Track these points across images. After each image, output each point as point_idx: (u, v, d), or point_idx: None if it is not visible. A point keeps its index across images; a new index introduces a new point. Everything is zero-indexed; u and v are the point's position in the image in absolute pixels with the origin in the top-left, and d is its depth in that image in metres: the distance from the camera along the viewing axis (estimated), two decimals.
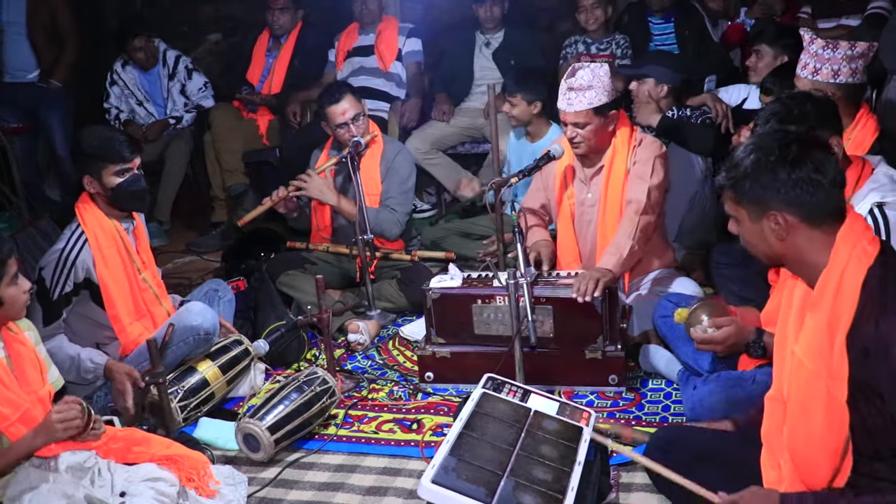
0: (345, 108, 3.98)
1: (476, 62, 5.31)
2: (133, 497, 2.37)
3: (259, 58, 5.72)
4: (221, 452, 3.02)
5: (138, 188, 3.22)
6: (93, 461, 2.45)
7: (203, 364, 3.27)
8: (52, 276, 3.12)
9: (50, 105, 5.66)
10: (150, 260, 3.43)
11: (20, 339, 2.53)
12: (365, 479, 2.80)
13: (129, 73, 5.66)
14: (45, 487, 2.34)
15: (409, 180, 4.24)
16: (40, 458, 2.43)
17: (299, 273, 4.05)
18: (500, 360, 3.00)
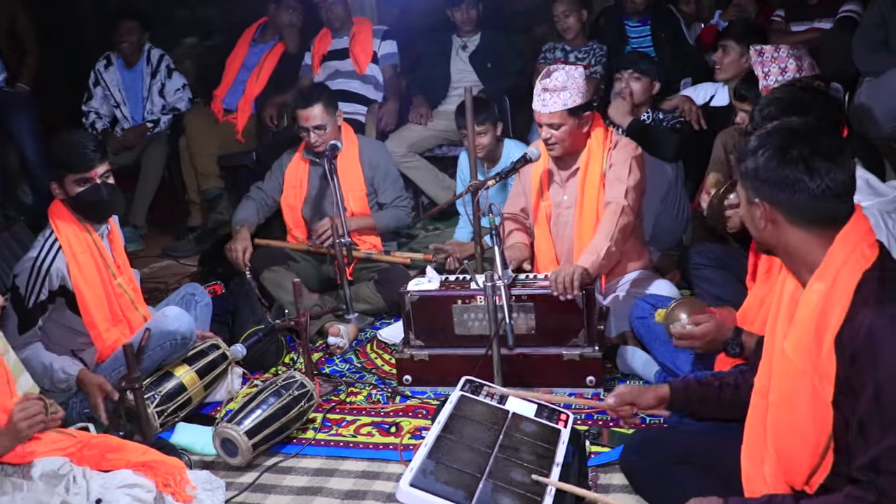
0: (311, 115, 4.03)
1: (453, 65, 5.32)
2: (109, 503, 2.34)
3: (232, 69, 5.70)
4: (199, 457, 3.01)
5: (98, 198, 3.15)
6: (67, 468, 2.42)
7: (180, 369, 3.25)
8: (26, 285, 3.09)
9: (17, 109, 5.60)
10: (126, 265, 3.40)
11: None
12: (343, 483, 2.79)
13: (112, 72, 5.64)
14: (18, 496, 2.33)
15: (394, 170, 4.42)
16: (13, 466, 2.40)
17: (283, 269, 4.04)
18: (478, 362, 3.01)
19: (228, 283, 4.10)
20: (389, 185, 4.34)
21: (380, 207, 4.32)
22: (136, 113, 5.63)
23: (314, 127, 4.04)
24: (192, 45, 6.76)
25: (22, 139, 5.67)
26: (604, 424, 2.96)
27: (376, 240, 4.27)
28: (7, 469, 2.40)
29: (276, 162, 4.40)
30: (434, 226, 5.21)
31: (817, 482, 1.79)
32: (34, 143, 5.65)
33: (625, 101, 4.21)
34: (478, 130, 4.03)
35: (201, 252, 4.98)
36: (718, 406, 2.24)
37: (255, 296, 3.97)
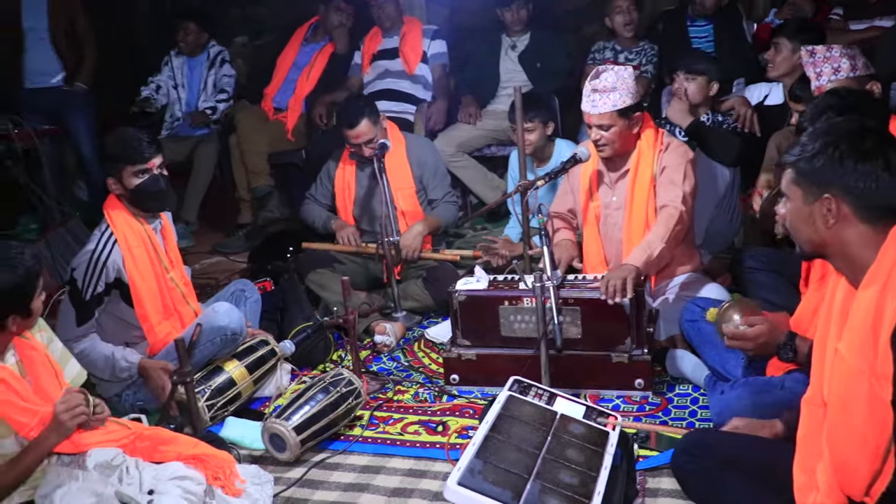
0: (360, 133, 4.06)
1: (502, 65, 5.31)
2: (161, 495, 2.37)
3: (283, 68, 5.76)
4: (248, 452, 3.04)
5: (157, 189, 3.24)
6: (121, 459, 2.47)
7: (230, 364, 3.29)
8: (83, 278, 3.16)
9: (75, 108, 5.71)
10: (178, 259, 3.46)
11: (32, 344, 2.54)
12: (390, 481, 2.80)
13: (179, 58, 5.79)
14: (74, 485, 2.36)
15: (442, 167, 4.45)
16: (69, 456, 2.46)
17: (328, 272, 4.07)
18: (526, 362, 3.00)
19: (278, 280, 4.15)
20: (438, 181, 4.36)
21: (429, 204, 4.33)
22: (192, 98, 5.75)
23: (365, 143, 4.07)
24: (243, 44, 6.85)
25: (78, 137, 5.79)
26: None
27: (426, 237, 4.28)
28: (63, 459, 2.45)
29: (322, 169, 4.44)
30: (482, 225, 5.21)
31: (878, 491, 1.75)
32: (90, 140, 5.77)
33: (682, 101, 4.16)
34: (527, 127, 4.02)
35: (251, 249, 5.04)
36: None
37: (303, 293, 4.00)
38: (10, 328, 2.39)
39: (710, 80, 4.13)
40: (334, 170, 4.37)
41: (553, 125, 4.32)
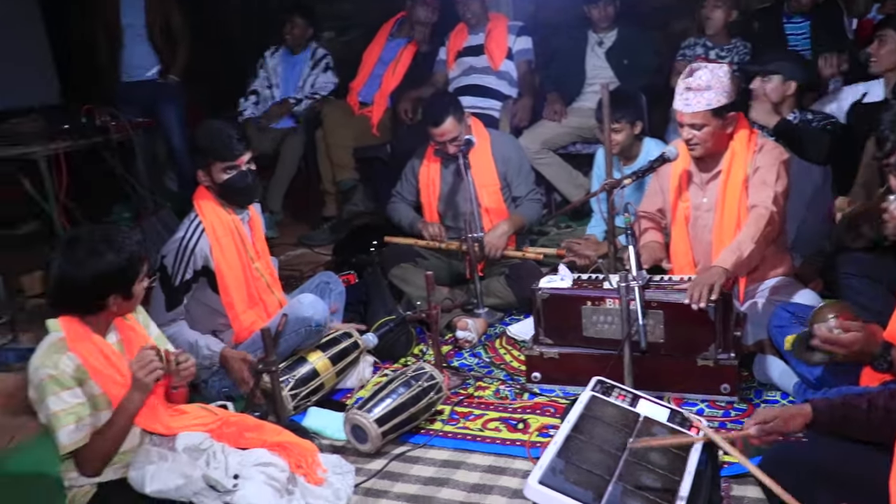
0: (445, 131, 4.07)
1: (588, 61, 5.26)
2: (245, 480, 2.43)
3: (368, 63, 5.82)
4: (329, 442, 3.08)
5: (244, 184, 3.32)
6: (208, 443, 2.53)
7: (313, 355, 3.34)
8: (173, 265, 3.25)
9: (167, 100, 5.92)
10: (264, 250, 3.53)
11: (131, 324, 2.63)
12: (470, 476, 2.80)
13: (276, 58, 5.94)
14: (164, 466, 2.44)
15: (526, 164, 4.44)
16: (160, 437, 2.53)
17: (411, 266, 4.10)
18: (608, 363, 2.96)
19: (361, 273, 4.19)
20: (523, 178, 4.34)
21: (513, 202, 4.32)
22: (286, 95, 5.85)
23: (450, 140, 4.07)
24: (330, 39, 6.93)
25: (170, 129, 5.98)
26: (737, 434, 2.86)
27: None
28: (154, 440, 2.53)
29: (407, 166, 4.46)
30: (566, 223, 5.17)
31: None
32: (181, 132, 5.96)
33: (764, 101, 4.05)
34: (614, 127, 3.95)
35: (335, 242, 5.10)
36: (866, 429, 2.12)
37: (386, 287, 4.03)
38: (111, 308, 2.48)
39: (786, 79, 3.99)
40: (418, 167, 4.39)
41: (641, 124, 4.25)
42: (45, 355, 2.40)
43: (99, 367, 2.44)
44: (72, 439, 2.36)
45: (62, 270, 2.40)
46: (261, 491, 2.41)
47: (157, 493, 2.40)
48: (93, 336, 2.47)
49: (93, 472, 2.45)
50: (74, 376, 2.40)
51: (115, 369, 2.47)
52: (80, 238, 2.44)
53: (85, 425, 2.39)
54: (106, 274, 2.41)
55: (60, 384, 2.37)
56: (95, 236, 2.44)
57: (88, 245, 2.41)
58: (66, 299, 2.46)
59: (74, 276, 2.39)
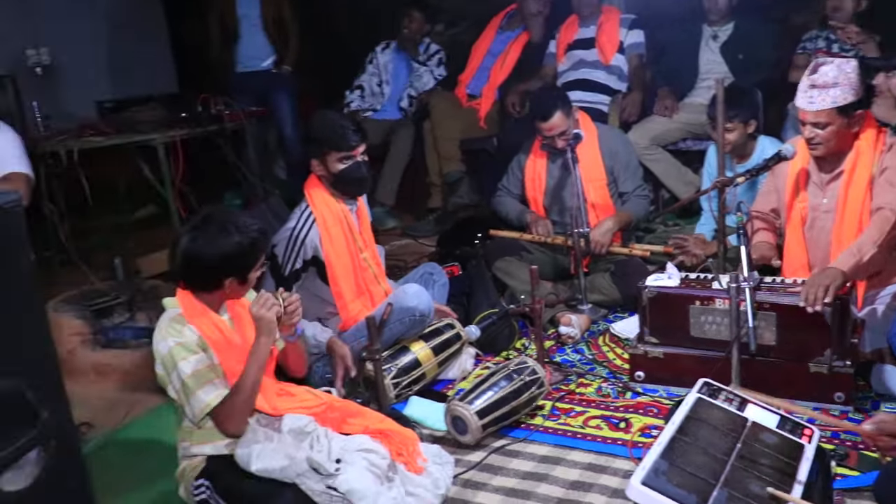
0: (553, 126, 4.03)
1: (702, 55, 5.12)
2: (347, 465, 2.45)
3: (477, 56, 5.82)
4: (429, 432, 3.10)
5: (359, 175, 3.37)
6: (312, 427, 2.58)
7: (416, 345, 3.36)
8: (283, 254, 3.33)
9: (279, 90, 6.07)
10: (371, 241, 3.58)
11: (241, 303, 2.70)
12: (569, 473, 2.78)
13: (386, 54, 6.02)
14: (269, 446, 2.50)
15: (634, 159, 4.38)
16: (266, 418, 2.60)
17: (515, 260, 4.09)
18: (715, 365, 2.89)
19: (465, 265, 4.20)
20: (630, 174, 4.28)
21: (619, 197, 4.25)
22: (396, 91, 5.91)
23: (559, 135, 4.04)
24: (439, 32, 6.96)
25: (282, 118, 6.13)
26: (852, 446, 2.75)
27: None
28: (261, 420, 2.59)
29: (514, 159, 4.44)
30: (673, 221, 5.06)
31: None
32: (292, 122, 6.11)
33: (887, 97, 3.86)
34: (727, 126, 3.82)
35: (440, 233, 5.13)
36: None
37: (490, 280, 4.03)
38: (226, 289, 2.56)
39: None
40: (525, 161, 4.37)
41: (755, 123, 4.11)
42: (168, 327, 2.51)
43: (215, 339, 2.53)
44: (210, 396, 2.44)
45: (191, 245, 2.49)
46: (362, 476, 2.44)
47: (261, 471, 2.45)
48: (207, 311, 2.57)
49: (236, 429, 2.50)
50: (198, 344, 2.50)
51: (230, 343, 2.56)
52: (213, 216, 2.54)
53: (218, 385, 2.47)
54: (229, 254, 2.49)
55: (188, 349, 2.46)
56: (226, 218, 2.54)
57: (220, 224, 2.50)
58: (188, 274, 2.54)
59: (201, 251, 2.48)
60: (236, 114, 5.50)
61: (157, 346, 2.51)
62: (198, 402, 2.44)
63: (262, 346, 2.52)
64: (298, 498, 2.42)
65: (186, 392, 2.46)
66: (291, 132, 6.13)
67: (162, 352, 2.49)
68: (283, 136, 6.24)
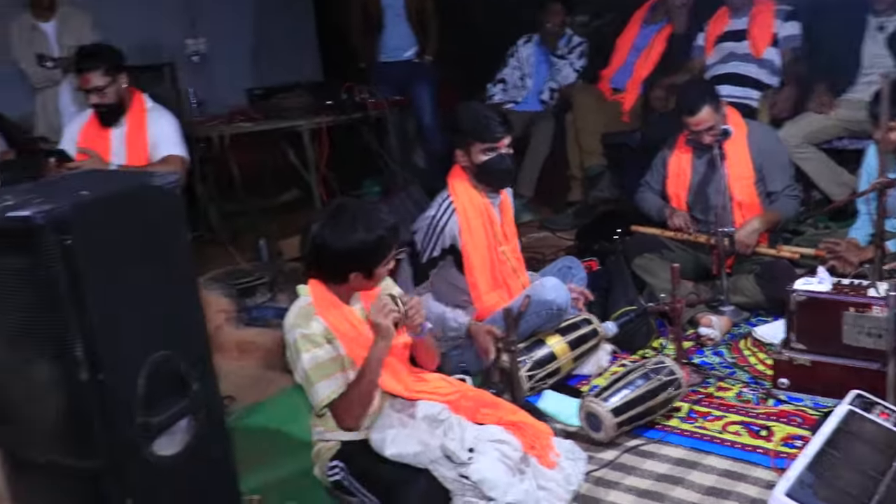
0: (700, 121, 3.89)
1: (865, 48, 4.83)
2: (480, 454, 2.45)
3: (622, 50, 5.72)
4: (562, 427, 3.07)
5: (503, 167, 3.35)
6: (446, 415, 2.59)
7: (552, 338, 3.34)
8: (422, 241, 3.36)
9: (420, 80, 6.14)
10: (513, 234, 3.57)
11: (375, 293, 2.72)
12: (706, 478, 2.70)
13: (528, 47, 5.98)
14: (404, 432, 2.53)
15: (784, 157, 4.20)
16: (401, 403, 2.63)
17: (656, 257, 3.99)
18: (869, 376, 2.74)
19: (604, 260, 4.14)
20: (779, 173, 4.09)
21: (767, 196, 4.09)
22: (537, 85, 5.88)
23: (704, 130, 3.92)
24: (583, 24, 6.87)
25: (422, 108, 6.20)
26: None
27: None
28: (395, 405, 2.63)
29: (657, 155, 4.34)
30: (824, 224, 4.82)
31: None
32: (432, 111, 6.18)
33: None
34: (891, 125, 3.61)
35: (578, 227, 5.08)
36: None
37: (629, 276, 3.95)
38: (352, 283, 2.59)
39: None
40: (668, 156, 4.26)
41: None
42: (297, 317, 2.57)
43: (344, 331, 2.58)
44: (328, 391, 2.50)
45: (321, 236, 2.53)
46: (494, 467, 2.43)
47: (395, 456, 2.49)
48: (338, 302, 2.61)
49: (353, 424, 2.56)
50: (324, 336, 2.55)
51: (359, 333, 2.60)
52: (344, 209, 2.57)
53: (337, 379, 2.53)
54: (353, 250, 2.51)
55: (313, 342, 2.52)
56: (356, 211, 2.55)
57: (350, 217, 2.52)
58: (317, 264, 2.59)
59: (328, 243, 2.52)
60: (379, 102, 5.61)
61: (286, 331, 2.58)
62: (316, 395, 2.51)
63: (380, 349, 2.52)
64: (431, 484, 2.44)
65: (307, 383, 2.53)
66: (431, 122, 6.19)
67: (289, 340, 2.56)
68: (422, 125, 6.31)
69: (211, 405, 2.20)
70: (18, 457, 2.08)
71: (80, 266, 1.82)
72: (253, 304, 4.33)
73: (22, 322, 1.89)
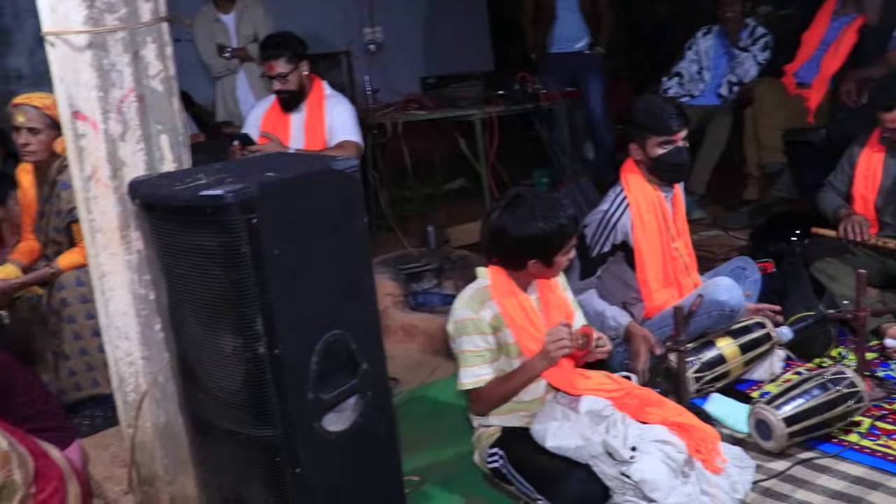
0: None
1: None
2: (643, 454, 2.40)
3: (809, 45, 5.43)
4: (729, 432, 2.96)
5: (678, 161, 3.27)
6: (610, 411, 2.56)
7: (723, 340, 3.21)
8: (593, 235, 3.32)
9: (591, 71, 6.09)
10: (685, 230, 3.47)
11: (552, 286, 2.75)
12: (887, 501, 2.52)
13: (707, 39, 5.78)
14: (566, 425, 2.52)
15: None
16: (566, 397, 2.62)
17: (838, 262, 3.76)
18: None
19: (780, 262, 3.95)
20: None
21: None
22: (715, 78, 5.68)
23: None
24: (766, 14, 6.58)
25: (592, 100, 6.15)
26: None
27: None
28: (559, 398, 2.63)
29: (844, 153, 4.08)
30: None
31: None
32: (601, 103, 6.12)
33: None
34: None
35: (753, 227, 4.87)
36: None
37: (808, 280, 3.75)
38: (530, 270, 2.61)
39: None
40: (857, 155, 3.99)
41: None
42: (471, 298, 2.62)
43: (516, 318, 2.60)
44: (470, 379, 2.59)
45: (499, 223, 2.58)
46: (657, 467, 2.38)
47: (555, 448, 2.49)
48: (515, 289, 2.64)
49: (480, 412, 2.67)
50: (491, 324, 2.58)
51: (531, 323, 2.62)
52: (524, 198, 2.60)
53: (487, 370, 2.58)
54: (531, 238, 2.54)
55: (477, 328, 2.57)
56: (536, 200, 2.58)
57: (529, 206, 2.56)
58: (495, 250, 2.64)
59: (506, 230, 2.57)
60: (551, 93, 5.58)
61: (456, 308, 2.65)
62: (460, 378, 2.61)
63: (538, 367, 2.58)
64: (591, 479, 2.42)
65: (458, 364, 2.62)
66: (601, 114, 6.14)
67: (455, 317, 2.63)
68: (592, 117, 6.26)
69: (379, 386, 2.26)
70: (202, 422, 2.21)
71: (264, 244, 1.91)
72: (419, 290, 4.42)
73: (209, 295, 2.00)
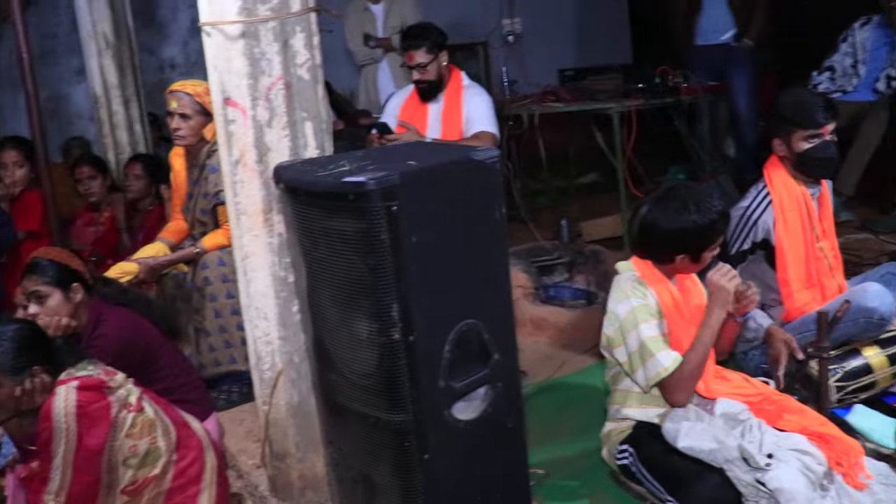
0: None
1: None
2: (779, 462, 2.33)
3: None
4: (874, 447, 2.83)
5: (826, 156, 3.15)
6: (746, 415, 2.50)
7: (870, 349, 3.06)
8: (732, 232, 3.23)
9: (737, 65, 5.85)
10: (831, 230, 3.34)
11: (692, 277, 2.72)
12: None
13: (865, 30, 5.52)
14: (699, 426, 2.46)
15: None
16: (700, 399, 2.56)
17: None
18: None
19: None
20: None
21: None
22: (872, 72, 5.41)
23: None
24: None
25: (738, 94, 5.92)
26: None
27: None
28: (693, 397, 2.56)
29: None
30: None
31: None
32: (748, 99, 5.89)
33: None
34: None
35: None
36: None
37: None
38: (677, 264, 2.59)
39: None
40: None
41: None
42: (632, 288, 2.58)
43: (669, 306, 2.58)
44: (670, 360, 2.47)
45: (650, 216, 2.56)
46: (794, 477, 2.30)
47: (687, 449, 2.43)
48: (665, 279, 2.62)
49: (684, 400, 2.52)
50: (657, 309, 2.55)
51: (681, 313, 2.59)
52: (677, 191, 2.58)
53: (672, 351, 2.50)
54: (683, 231, 2.51)
55: (650, 312, 2.53)
56: (689, 194, 2.55)
57: (682, 200, 2.53)
58: (644, 243, 2.62)
59: (657, 224, 2.54)
60: (693, 87, 5.43)
61: (616, 307, 2.58)
62: (654, 366, 2.47)
63: (715, 316, 2.51)
64: (724, 484, 2.36)
65: (643, 354, 2.49)
66: (746, 109, 5.91)
67: (621, 311, 2.55)
68: (736, 112, 6.03)
69: (509, 377, 2.27)
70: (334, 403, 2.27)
71: (403, 231, 1.94)
72: (550, 283, 4.40)
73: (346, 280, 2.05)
